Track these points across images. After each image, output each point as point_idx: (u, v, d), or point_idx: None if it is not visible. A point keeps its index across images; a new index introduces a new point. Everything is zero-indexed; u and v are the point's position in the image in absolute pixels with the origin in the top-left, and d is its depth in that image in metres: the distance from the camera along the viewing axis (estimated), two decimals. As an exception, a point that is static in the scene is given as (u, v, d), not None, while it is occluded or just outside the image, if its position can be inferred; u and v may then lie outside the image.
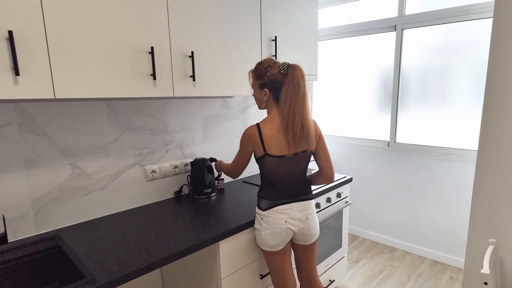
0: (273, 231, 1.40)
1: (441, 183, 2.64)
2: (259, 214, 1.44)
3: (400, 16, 2.72)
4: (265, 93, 1.39)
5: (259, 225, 1.44)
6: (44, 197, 1.40)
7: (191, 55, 1.51)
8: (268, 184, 1.43)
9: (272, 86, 1.37)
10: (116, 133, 1.61)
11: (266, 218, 1.41)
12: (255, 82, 1.43)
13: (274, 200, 1.42)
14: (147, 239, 1.33)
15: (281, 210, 1.41)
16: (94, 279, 1.04)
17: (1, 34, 1.00)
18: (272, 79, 1.35)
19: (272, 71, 1.35)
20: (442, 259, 2.70)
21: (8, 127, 1.29)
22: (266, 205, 1.42)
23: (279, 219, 1.40)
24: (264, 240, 1.42)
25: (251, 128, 1.38)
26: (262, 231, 1.42)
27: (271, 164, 1.39)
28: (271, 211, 1.41)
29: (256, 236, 1.47)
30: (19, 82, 1.05)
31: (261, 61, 1.42)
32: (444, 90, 2.57)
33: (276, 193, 1.42)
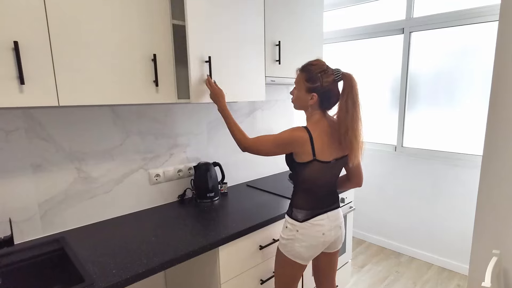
0: (311, 243, 1.35)
1: (449, 189, 2.59)
2: (293, 225, 1.37)
3: (408, 19, 2.68)
4: (312, 97, 1.32)
5: (292, 236, 1.36)
6: (50, 200, 1.44)
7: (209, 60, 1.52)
8: (305, 191, 1.38)
9: (322, 92, 1.31)
10: (121, 138, 1.64)
11: (303, 230, 1.35)
12: (303, 84, 1.34)
13: (311, 210, 1.36)
14: (148, 243, 1.35)
15: (318, 222, 1.36)
16: (93, 283, 1.07)
17: (7, 44, 1.04)
18: (325, 86, 1.30)
19: (326, 78, 1.30)
20: (449, 266, 2.66)
21: (16, 133, 1.33)
22: (304, 216, 1.35)
23: (317, 231, 1.35)
24: (299, 252, 1.36)
25: (302, 132, 1.29)
26: (296, 242, 1.35)
27: (315, 170, 1.32)
28: (308, 223, 1.35)
29: (286, 246, 1.38)
30: (24, 90, 1.09)
31: (312, 63, 1.35)
32: (452, 93, 2.53)
33: (313, 202, 1.37)
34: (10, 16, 1.03)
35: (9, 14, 1.03)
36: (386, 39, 2.87)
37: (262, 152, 1.37)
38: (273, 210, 1.71)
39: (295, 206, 1.39)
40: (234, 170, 2.21)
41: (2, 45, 1.02)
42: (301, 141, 1.29)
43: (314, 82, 1.31)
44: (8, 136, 1.31)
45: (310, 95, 1.32)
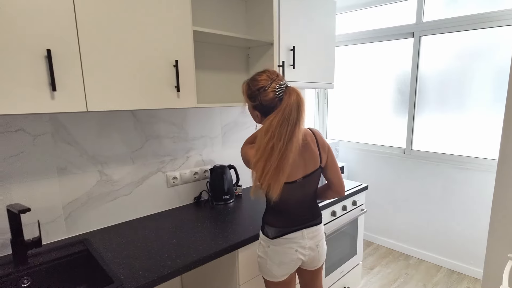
0: (282, 261, 1.28)
1: (458, 192, 2.61)
2: (264, 241, 1.30)
3: (418, 23, 2.70)
4: (257, 115, 1.23)
5: (263, 254, 1.30)
6: (74, 202, 1.48)
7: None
8: (275, 210, 1.30)
9: (264, 111, 1.19)
10: (141, 141, 1.68)
11: (274, 247, 1.28)
12: (247, 100, 1.24)
13: (282, 228, 1.28)
14: (169, 245, 1.39)
15: (291, 238, 1.28)
16: (122, 284, 1.11)
17: (41, 52, 1.07)
18: (265, 105, 1.17)
19: (264, 96, 1.16)
20: (459, 269, 2.68)
21: (43, 137, 1.37)
22: (275, 233, 1.27)
23: (288, 248, 1.27)
24: (270, 270, 1.29)
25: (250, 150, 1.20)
26: (268, 260, 1.28)
27: (282, 192, 1.17)
28: (280, 239, 1.27)
29: (260, 265, 1.33)
30: (55, 97, 1.12)
31: (255, 77, 1.21)
32: (462, 96, 2.55)
33: (285, 221, 1.29)
34: (43, 25, 1.06)
35: (43, 24, 1.06)
36: (396, 43, 2.89)
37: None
38: (288, 213, 1.73)
39: (266, 222, 1.31)
40: (247, 172, 2.24)
41: (36, 53, 1.06)
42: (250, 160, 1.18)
43: (254, 100, 1.19)
44: (35, 140, 1.35)
45: (255, 112, 1.23)
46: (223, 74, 1.97)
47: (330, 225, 1.95)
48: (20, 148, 1.32)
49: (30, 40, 1.04)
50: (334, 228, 1.94)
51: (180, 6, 1.40)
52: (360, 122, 3.27)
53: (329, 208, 1.93)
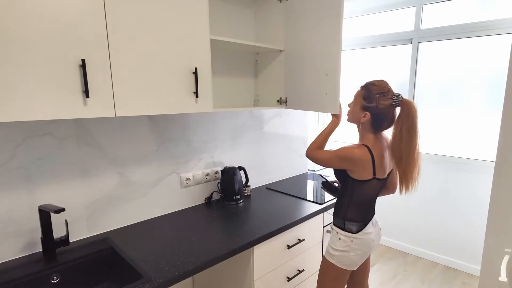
0: (364, 251, 1.45)
1: (455, 192, 2.74)
2: (347, 237, 1.44)
3: (416, 30, 2.82)
4: (365, 115, 1.36)
5: (347, 247, 1.43)
6: (95, 203, 1.55)
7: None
8: (359, 205, 1.44)
9: (376, 113, 1.34)
10: (157, 144, 1.75)
11: (357, 241, 1.43)
12: (360, 100, 1.39)
13: (364, 221, 1.45)
14: (189, 243, 1.46)
15: (369, 230, 1.46)
16: (151, 279, 1.18)
17: (76, 61, 1.14)
18: (380, 108, 1.33)
19: (383, 101, 1.32)
20: (454, 265, 2.80)
21: (68, 140, 1.44)
22: (358, 227, 1.43)
23: (369, 239, 1.45)
24: (354, 261, 1.45)
25: (363, 150, 1.34)
26: (351, 252, 1.43)
27: (373, 188, 1.41)
28: (362, 233, 1.44)
29: (339, 257, 1.44)
30: (88, 103, 1.19)
31: (375, 83, 1.37)
32: (459, 100, 2.67)
33: (365, 214, 1.46)
34: (79, 36, 1.13)
35: (78, 35, 1.13)
36: (395, 49, 3.01)
37: (320, 161, 1.48)
38: (296, 212, 1.83)
39: (348, 219, 1.45)
40: (255, 173, 2.33)
41: (72, 62, 1.13)
42: (364, 159, 1.34)
43: (370, 102, 1.35)
44: (61, 143, 1.42)
45: (364, 113, 1.37)
46: (232, 78, 2.05)
47: (336, 223, 2.04)
48: (47, 151, 1.39)
49: (67, 50, 1.11)
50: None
51: (200, 17, 1.48)
52: (359, 125, 3.37)
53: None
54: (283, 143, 2.54)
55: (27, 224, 1.36)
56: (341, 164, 1.41)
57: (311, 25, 1.81)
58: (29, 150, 1.34)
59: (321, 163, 1.48)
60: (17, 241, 1.35)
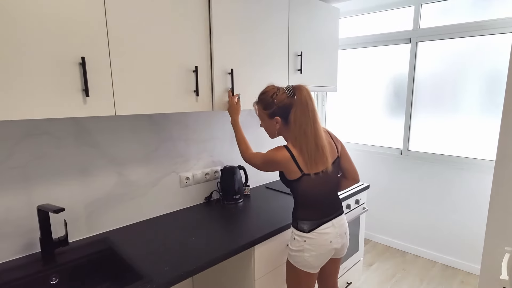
0: (319, 252, 1.39)
1: (453, 191, 2.75)
2: (300, 236, 1.40)
3: (415, 30, 2.83)
4: (276, 121, 1.38)
5: (300, 247, 1.40)
6: (95, 202, 1.53)
7: (231, 72, 1.63)
8: (307, 205, 1.42)
9: (282, 112, 1.36)
10: (156, 143, 1.74)
11: (310, 240, 1.39)
12: (263, 113, 1.42)
13: (316, 220, 1.40)
14: (190, 243, 1.45)
15: (324, 230, 1.40)
16: (152, 279, 1.17)
17: (76, 60, 1.13)
18: (281, 106, 1.35)
19: (279, 97, 1.36)
20: (453, 264, 2.81)
21: (67, 139, 1.42)
22: (309, 226, 1.39)
23: (324, 240, 1.40)
24: (308, 262, 1.40)
25: (283, 152, 1.34)
26: (305, 252, 1.39)
27: (309, 184, 1.37)
28: (315, 233, 1.39)
29: (296, 257, 1.42)
30: (88, 102, 1.18)
31: (264, 91, 1.42)
32: (457, 99, 2.68)
33: (317, 213, 1.41)
34: (79, 34, 1.12)
35: (78, 33, 1.12)
36: (393, 48, 3.01)
37: (256, 167, 1.48)
38: (298, 211, 1.82)
39: (299, 218, 1.42)
40: (255, 172, 2.32)
41: (72, 60, 1.11)
42: (285, 160, 1.34)
43: (271, 107, 1.38)
44: (59, 142, 1.40)
45: (274, 120, 1.39)
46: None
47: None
48: (45, 150, 1.37)
49: (66, 48, 1.09)
50: (339, 225, 2.04)
51: (200, 16, 1.47)
52: (358, 124, 3.38)
53: (335, 207, 2.02)
54: (283, 142, 2.53)
55: (25, 224, 1.34)
56: (270, 168, 1.42)
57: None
58: (27, 149, 1.32)
59: (257, 168, 1.47)
60: (15, 242, 1.33)
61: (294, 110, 1.32)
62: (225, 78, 1.62)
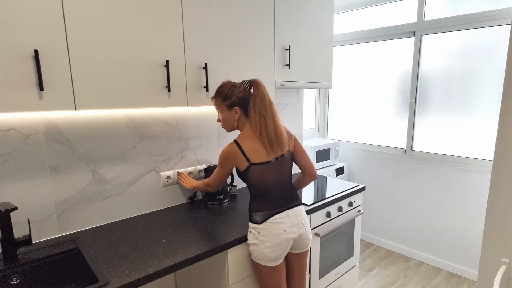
0: (273, 242, 1.40)
1: (460, 193, 2.57)
2: (254, 229, 1.42)
3: (419, 22, 2.66)
4: (235, 111, 1.44)
5: (255, 240, 1.42)
6: (66, 201, 1.50)
7: (205, 66, 1.56)
8: (259, 196, 1.44)
9: (240, 103, 1.44)
10: (134, 141, 1.68)
11: (263, 231, 1.40)
12: (222, 105, 1.46)
13: (267, 211, 1.42)
14: (159, 245, 1.39)
15: (277, 220, 1.41)
16: (108, 283, 1.11)
17: (27, 53, 1.08)
18: (240, 96, 1.43)
19: (237, 90, 1.43)
20: (459, 272, 2.64)
21: (35, 136, 1.38)
22: (262, 217, 1.41)
23: (277, 229, 1.40)
24: (264, 254, 1.40)
25: (231, 145, 1.42)
26: (260, 245, 1.40)
27: (258, 174, 1.42)
28: (267, 223, 1.40)
29: (253, 252, 1.43)
30: (43, 96, 1.13)
31: (221, 85, 1.47)
32: (465, 97, 2.50)
33: (269, 203, 1.43)
34: (30, 25, 1.07)
35: (30, 24, 1.07)
36: (397, 42, 2.85)
37: (221, 181, 1.52)
38: (281, 214, 1.72)
39: (252, 210, 1.45)
40: (243, 172, 2.24)
41: (23, 53, 1.07)
42: (233, 153, 1.41)
43: (230, 98, 1.43)
44: (27, 139, 1.37)
45: (233, 110, 1.44)
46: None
47: (325, 226, 1.93)
48: (12, 147, 1.34)
49: (17, 40, 1.05)
50: (329, 229, 1.93)
51: (172, 6, 1.40)
52: (360, 123, 3.24)
53: (324, 209, 1.91)
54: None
55: (-9, 222, 1.31)
56: (228, 167, 1.46)
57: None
58: (-7, 146, 1.30)
59: (220, 179, 1.52)
60: (-20, 240, 1.30)
61: (253, 100, 1.41)
62: (198, 73, 1.55)
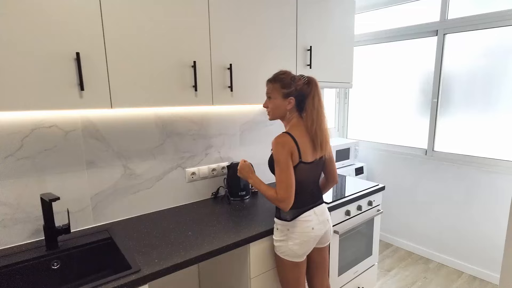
0: (302, 240, 1.44)
1: (483, 195, 2.53)
2: (283, 225, 1.45)
3: (442, 21, 2.63)
4: (289, 101, 1.43)
5: (284, 236, 1.45)
6: (100, 194, 1.60)
7: (230, 67, 1.62)
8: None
9: (296, 95, 1.43)
10: (162, 138, 1.77)
11: (293, 229, 1.44)
12: (278, 91, 1.43)
13: (297, 209, 1.44)
14: (185, 237, 1.47)
15: (306, 218, 1.45)
16: (139, 270, 1.19)
17: (70, 55, 1.18)
18: (298, 89, 1.42)
19: (297, 82, 1.42)
20: (481, 275, 2.59)
21: (74, 132, 1.49)
22: (292, 215, 1.44)
23: (306, 227, 1.44)
24: (292, 250, 1.44)
25: (286, 136, 1.37)
26: (289, 241, 1.44)
27: (301, 172, 1.41)
28: (297, 221, 1.44)
29: (280, 247, 1.46)
30: (84, 96, 1.23)
31: (282, 72, 1.46)
32: (489, 96, 2.46)
33: (300, 201, 1.44)
34: (73, 30, 1.17)
35: (72, 29, 1.17)
36: (418, 41, 2.83)
37: (292, 184, 1.36)
38: (301, 211, 1.77)
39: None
40: (262, 170, 2.29)
41: (66, 55, 1.17)
42: (290, 144, 1.37)
43: (289, 87, 1.42)
44: (67, 135, 1.48)
45: (287, 100, 1.43)
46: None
47: (344, 224, 1.96)
48: (54, 142, 1.45)
49: (61, 44, 1.15)
50: (348, 227, 1.95)
51: (199, 7, 1.47)
52: (381, 122, 3.22)
53: (343, 208, 1.94)
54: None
55: (34, 211, 1.43)
56: (288, 164, 1.36)
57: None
58: (36, 141, 1.41)
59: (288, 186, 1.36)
60: (25, 227, 1.42)
61: (313, 97, 1.41)
62: (223, 74, 1.61)
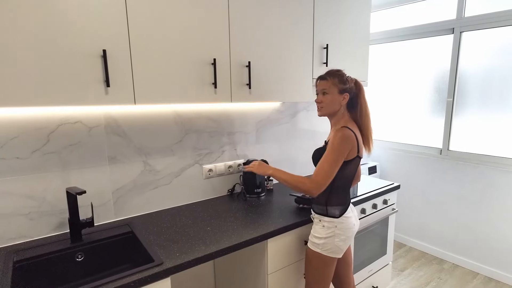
0: (347, 235, 1.47)
1: (499, 195, 2.50)
2: (331, 222, 1.45)
3: (458, 19, 2.61)
4: (344, 97, 1.46)
5: (331, 233, 1.45)
6: (122, 189, 1.64)
7: (248, 65, 1.64)
8: (340, 190, 1.47)
9: (350, 92, 1.48)
10: (180, 135, 1.81)
11: (341, 225, 1.45)
12: (336, 86, 1.44)
13: (344, 205, 1.48)
14: (204, 232, 1.49)
15: (349, 214, 1.49)
16: (162, 263, 1.22)
17: (97, 52, 1.21)
18: (352, 87, 1.48)
19: (350, 79, 1.49)
20: (496, 276, 2.56)
21: (97, 128, 1.53)
22: (340, 211, 1.46)
23: (350, 223, 1.48)
24: (338, 246, 1.45)
25: (347, 130, 1.39)
26: (335, 238, 1.44)
27: (354, 167, 1.46)
28: (344, 217, 1.46)
29: (325, 245, 1.45)
30: (109, 92, 1.26)
31: (337, 69, 1.49)
32: (506, 95, 2.43)
33: (345, 197, 1.49)
34: (100, 28, 1.20)
35: (99, 27, 1.20)
36: (434, 39, 2.80)
37: (331, 175, 1.36)
38: (318, 208, 1.78)
39: (330, 204, 1.46)
40: (278, 167, 2.30)
41: (93, 53, 1.20)
42: (352, 138, 1.40)
43: (346, 83, 1.47)
44: (90, 131, 1.52)
45: (343, 95, 1.47)
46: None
47: (360, 222, 1.95)
48: (78, 138, 1.49)
49: (88, 42, 1.18)
50: (363, 225, 1.96)
51: (219, 7, 1.50)
52: (395, 121, 3.21)
53: (359, 206, 1.95)
54: (309, 138, 2.50)
55: (59, 205, 1.48)
56: (343, 154, 1.39)
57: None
58: (62, 137, 1.45)
59: (329, 175, 1.36)
60: (50, 220, 1.47)
61: (363, 96, 1.49)
62: (241, 71, 1.63)
